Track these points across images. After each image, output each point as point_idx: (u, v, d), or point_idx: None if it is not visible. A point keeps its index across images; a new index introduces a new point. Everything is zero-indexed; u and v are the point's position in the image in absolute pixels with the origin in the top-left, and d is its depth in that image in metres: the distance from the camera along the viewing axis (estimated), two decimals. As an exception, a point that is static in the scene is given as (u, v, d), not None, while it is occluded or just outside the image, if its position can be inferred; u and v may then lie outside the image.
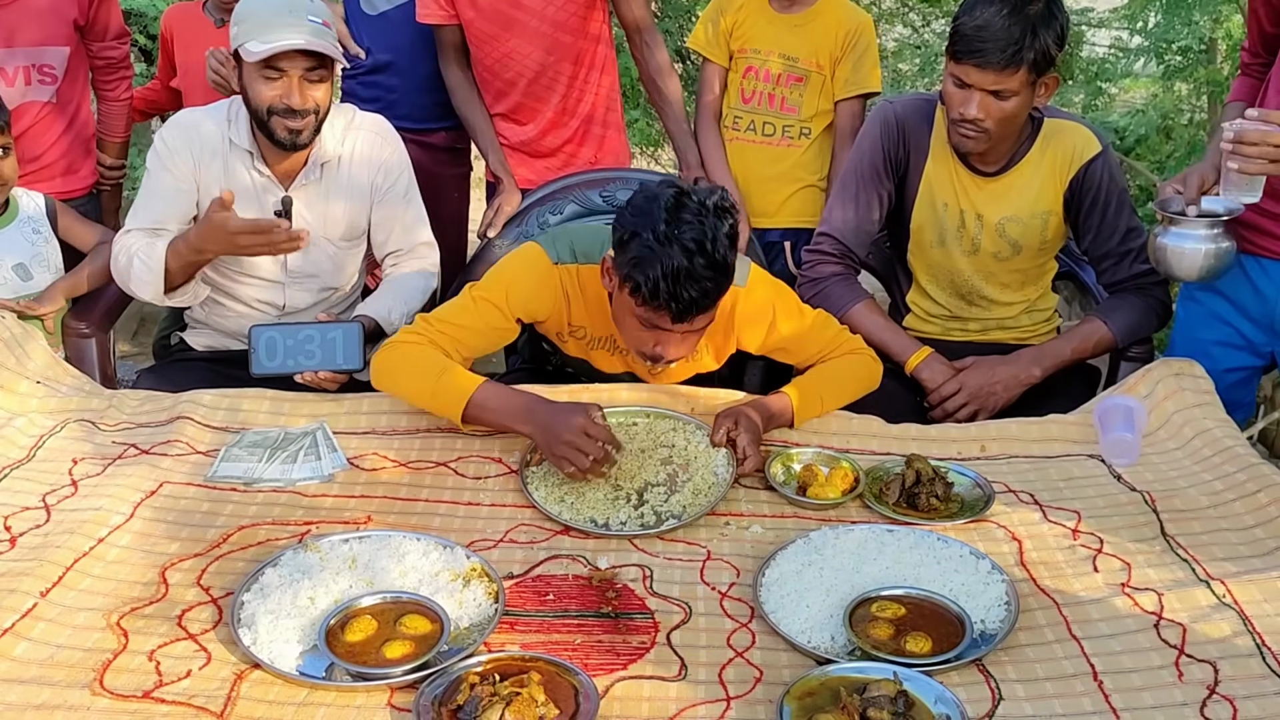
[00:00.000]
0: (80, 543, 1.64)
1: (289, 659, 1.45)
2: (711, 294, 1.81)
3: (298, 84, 2.17)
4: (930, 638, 1.48)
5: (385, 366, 1.99)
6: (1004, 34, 2.04)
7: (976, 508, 1.81)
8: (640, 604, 1.60)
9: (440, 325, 1.99)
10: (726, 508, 1.83)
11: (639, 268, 1.78)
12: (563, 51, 2.73)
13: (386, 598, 1.54)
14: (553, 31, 2.70)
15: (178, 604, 1.55)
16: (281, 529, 1.74)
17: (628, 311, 1.86)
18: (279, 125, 2.21)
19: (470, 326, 2.00)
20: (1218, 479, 1.84)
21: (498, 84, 2.78)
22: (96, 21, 2.78)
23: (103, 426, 2.00)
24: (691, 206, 1.79)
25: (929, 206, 2.34)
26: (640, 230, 1.79)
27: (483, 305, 2.01)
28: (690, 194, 1.81)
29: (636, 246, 1.78)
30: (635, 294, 1.80)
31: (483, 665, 1.43)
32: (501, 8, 2.66)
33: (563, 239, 2.05)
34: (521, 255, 2.07)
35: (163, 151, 2.29)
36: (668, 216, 1.77)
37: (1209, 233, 2.05)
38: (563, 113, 2.80)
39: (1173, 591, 1.57)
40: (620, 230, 1.83)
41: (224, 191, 2.12)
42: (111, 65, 2.88)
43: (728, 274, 1.82)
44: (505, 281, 2.03)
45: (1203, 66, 4.84)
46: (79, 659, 1.43)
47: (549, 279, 2.03)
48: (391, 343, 2.01)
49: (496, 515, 1.80)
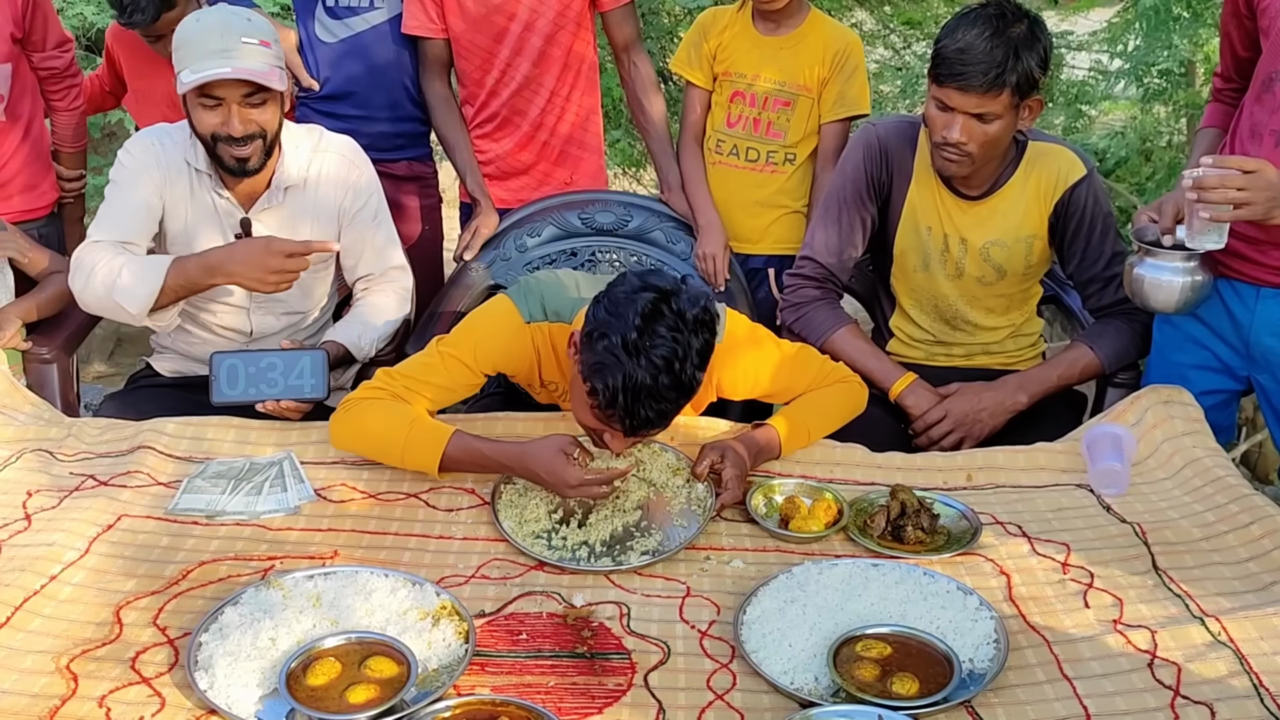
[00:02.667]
0: (31, 580, 1.57)
1: (247, 705, 1.38)
2: (669, 414, 1.71)
3: (236, 110, 2.11)
4: (917, 678, 1.43)
5: (346, 427, 1.91)
6: (986, 57, 2.01)
7: (963, 540, 1.76)
8: (617, 643, 1.54)
9: (405, 380, 1.91)
10: (707, 541, 1.77)
11: (599, 374, 1.65)
12: (548, 64, 2.70)
13: (351, 638, 1.48)
14: (542, 44, 2.67)
15: (132, 645, 1.48)
16: (244, 564, 1.67)
17: (582, 397, 1.73)
18: (225, 152, 2.15)
19: (436, 384, 1.92)
20: (1209, 510, 1.80)
21: (481, 95, 2.74)
22: (34, 32, 2.70)
23: (60, 457, 1.94)
24: (668, 319, 1.65)
25: (912, 230, 2.30)
26: (609, 333, 1.65)
27: (450, 362, 1.93)
28: (671, 301, 1.67)
29: (602, 350, 1.65)
30: (591, 395, 1.69)
31: (451, 710, 1.37)
32: (494, 18, 2.63)
33: (534, 294, 1.97)
34: (491, 311, 1.99)
35: (130, 165, 2.23)
36: (641, 325, 1.64)
37: (1186, 265, 2.03)
38: (539, 128, 2.76)
39: (1166, 629, 1.52)
40: (590, 324, 1.70)
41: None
42: (56, 75, 2.80)
43: (690, 394, 1.71)
44: (474, 340, 1.95)
45: (1182, 90, 4.85)
46: (25, 705, 1.36)
47: (519, 337, 1.95)
48: (351, 400, 1.93)
49: (469, 550, 1.75)
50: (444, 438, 1.85)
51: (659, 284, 1.69)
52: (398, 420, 1.87)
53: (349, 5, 2.74)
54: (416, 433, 1.86)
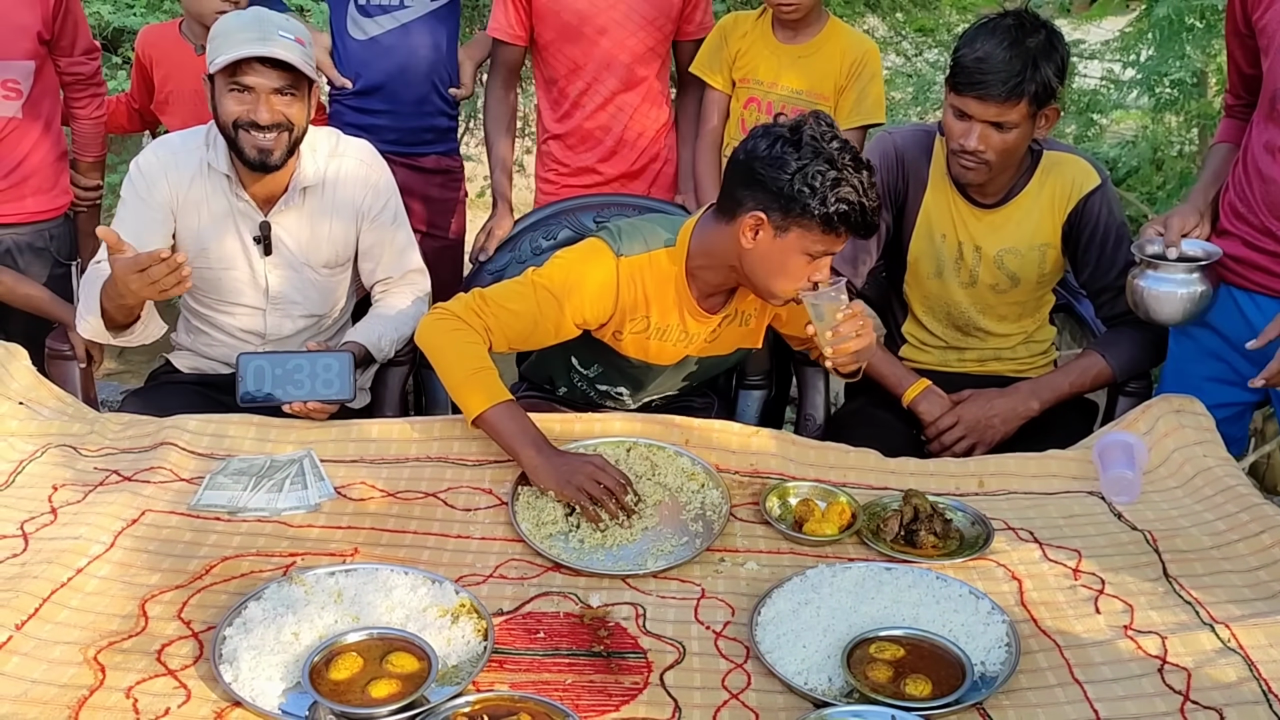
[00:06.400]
0: (58, 573, 1.59)
1: (271, 697, 1.40)
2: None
3: (265, 99, 2.13)
4: (930, 680, 1.45)
5: (431, 336, 2.01)
6: (1005, 66, 2.03)
7: (976, 545, 1.78)
8: (633, 643, 1.56)
9: (494, 308, 2.00)
10: (722, 543, 1.79)
11: (821, 192, 1.83)
12: (634, 82, 2.77)
13: (373, 634, 1.50)
14: (629, 61, 2.74)
15: (157, 638, 1.51)
16: (266, 560, 1.70)
17: (794, 251, 1.90)
18: (247, 142, 2.16)
19: (525, 314, 2.00)
20: (1220, 519, 1.82)
21: (565, 106, 2.82)
22: (62, 36, 2.72)
23: (84, 452, 1.96)
24: (817, 131, 1.88)
25: (927, 238, 2.32)
26: (797, 163, 1.84)
27: (540, 292, 2.01)
28: (802, 128, 1.88)
29: (803, 176, 1.84)
30: (825, 222, 1.85)
31: (471, 705, 1.39)
32: (584, 30, 2.70)
33: (628, 231, 2.06)
34: (581, 246, 2.08)
35: (137, 180, 2.25)
36: (815, 145, 1.85)
37: (1187, 277, 2.05)
38: (620, 143, 2.83)
39: (1176, 635, 1.54)
40: (770, 177, 1.86)
41: (102, 230, 2.05)
42: (81, 81, 2.81)
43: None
44: (564, 267, 2.04)
45: (1194, 100, 4.86)
46: (54, 695, 1.38)
47: (607, 268, 2.03)
48: (446, 311, 2.01)
49: (486, 549, 1.77)
50: (497, 398, 1.91)
51: (786, 129, 1.89)
52: (471, 358, 1.96)
53: (380, 4, 2.83)
54: (479, 378, 1.94)
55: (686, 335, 2.12)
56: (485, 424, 1.92)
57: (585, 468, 1.84)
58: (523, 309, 2.00)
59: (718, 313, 2.11)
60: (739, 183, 1.92)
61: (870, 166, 1.89)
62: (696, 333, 2.12)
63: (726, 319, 2.13)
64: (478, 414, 1.91)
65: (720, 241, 1.97)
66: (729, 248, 1.96)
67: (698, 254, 2.03)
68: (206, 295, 2.34)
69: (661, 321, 2.10)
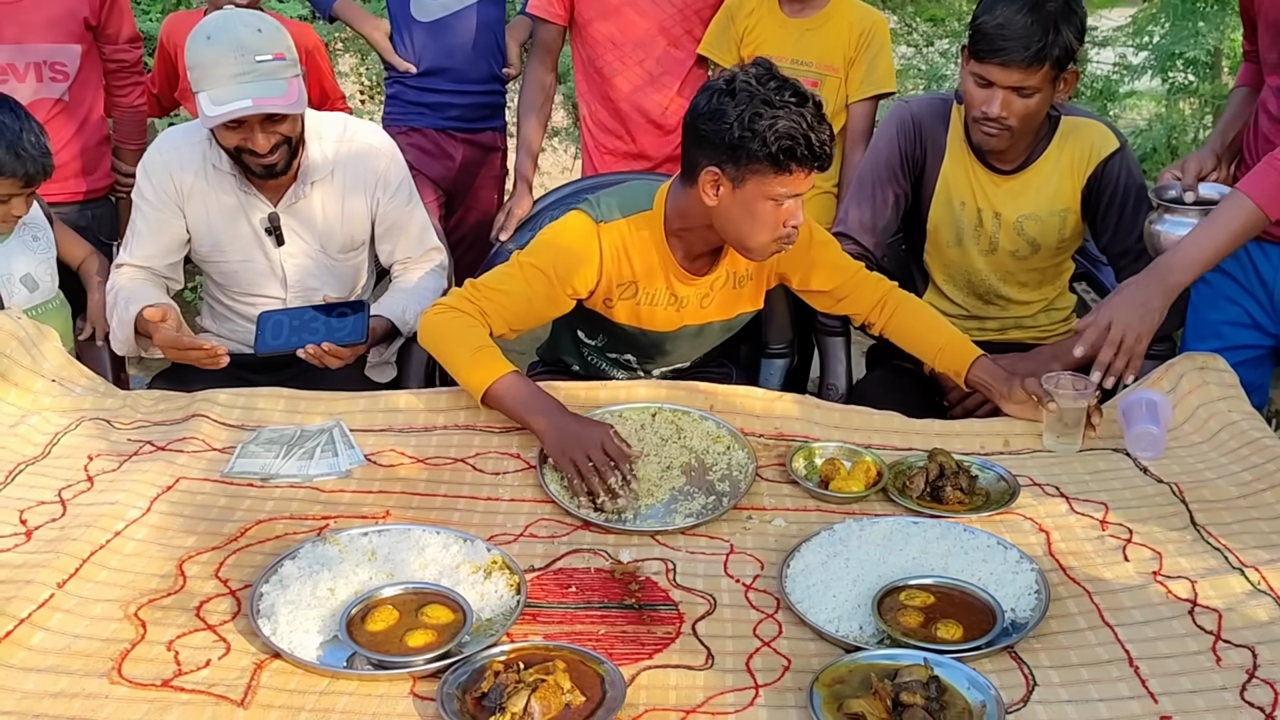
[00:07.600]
0: (97, 535, 1.62)
1: (310, 649, 1.43)
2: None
3: (258, 128, 2.14)
4: (961, 625, 1.46)
5: (431, 329, 2.02)
6: (1026, 32, 2.04)
7: (1002, 500, 1.79)
8: (664, 596, 1.57)
9: (487, 292, 2.01)
10: (749, 501, 1.81)
11: (763, 133, 1.82)
12: (671, 64, 2.81)
13: (408, 588, 1.52)
14: (667, 44, 2.78)
15: (196, 596, 1.53)
16: (299, 523, 1.72)
17: (756, 199, 1.89)
18: (250, 162, 2.20)
19: (514, 293, 2.01)
20: (1246, 469, 1.82)
21: (604, 87, 2.85)
22: (109, 24, 2.80)
23: (117, 425, 1.99)
24: (757, 75, 1.88)
25: (946, 205, 2.33)
26: (736, 108, 1.84)
27: (529, 271, 2.02)
28: (740, 74, 1.89)
29: (748, 119, 1.83)
30: (770, 159, 1.84)
31: (506, 654, 1.41)
32: (625, 12, 2.74)
33: (606, 199, 2.08)
34: (563, 220, 2.09)
35: (143, 183, 2.28)
36: (751, 89, 1.85)
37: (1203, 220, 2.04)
38: (660, 127, 2.85)
39: (1206, 579, 1.55)
40: (711, 130, 1.86)
41: (146, 309, 2.16)
42: (124, 69, 2.89)
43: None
44: (547, 243, 2.05)
45: (1207, 82, 4.85)
46: (96, 649, 1.41)
47: (589, 238, 2.04)
48: (441, 304, 2.03)
49: (516, 510, 1.78)
50: (501, 371, 1.93)
51: (721, 81, 1.90)
52: (470, 339, 1.97)
53: None
54: (482, 355, 1.95)
55: (676, 299, 2.13)
56: (493, 399, 1.93)
57: (589, 437, 1.83)
58: (514, 289, 2.02)
59: (705, 275, 2.11)
60: (690, 143, 1.94)
61: (817, 100, 1.88)
62: (686, 296, 2.12)
63: (717, 281, 2.13)
64: (484, 389, 1.92)
65: (690, 205, 1.98)
66: (699, 209, 1.97)
67: (674, 217, 2.04)
68: (229, 288, 2.37)
69: (649, 286, 2.10)
